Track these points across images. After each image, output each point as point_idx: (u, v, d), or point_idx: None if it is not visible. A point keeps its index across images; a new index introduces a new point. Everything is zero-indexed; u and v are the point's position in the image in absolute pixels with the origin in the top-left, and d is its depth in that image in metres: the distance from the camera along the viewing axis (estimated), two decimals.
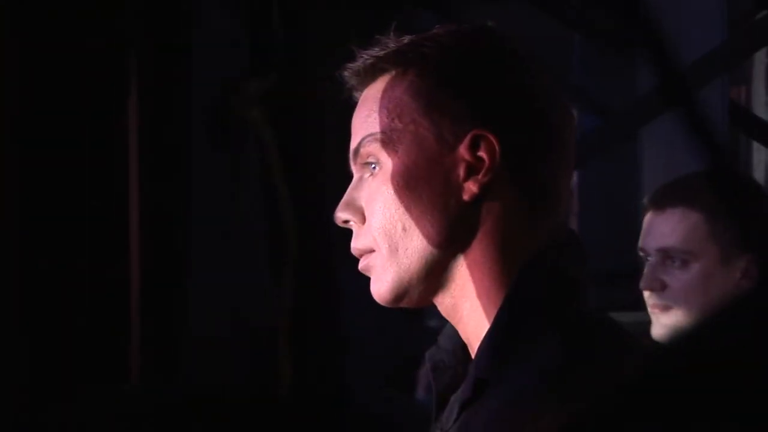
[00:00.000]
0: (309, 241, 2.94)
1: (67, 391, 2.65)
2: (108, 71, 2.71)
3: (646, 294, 2.19)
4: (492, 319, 1.26)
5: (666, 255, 2.16)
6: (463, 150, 1.28)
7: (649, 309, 2.19)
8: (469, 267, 1.28)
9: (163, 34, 2.79)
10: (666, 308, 2.16)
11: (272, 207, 2.93)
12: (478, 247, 1.28)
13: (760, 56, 5.48)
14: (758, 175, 5.74)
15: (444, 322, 1.36)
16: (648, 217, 2.21)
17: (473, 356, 1.29)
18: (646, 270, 2.19)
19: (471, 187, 1.28)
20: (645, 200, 2.24)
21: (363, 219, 1.32)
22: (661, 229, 2.17)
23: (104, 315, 2.71)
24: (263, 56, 2.95)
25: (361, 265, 1.33)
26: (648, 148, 4.13)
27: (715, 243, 2.12)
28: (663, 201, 2.17)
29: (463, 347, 1.33)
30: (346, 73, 1.35)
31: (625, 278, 4.32)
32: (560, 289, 1.26)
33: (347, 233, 1.36)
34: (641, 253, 2.22)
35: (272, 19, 2.97)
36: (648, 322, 2.22)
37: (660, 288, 2.16)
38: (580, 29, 4.87)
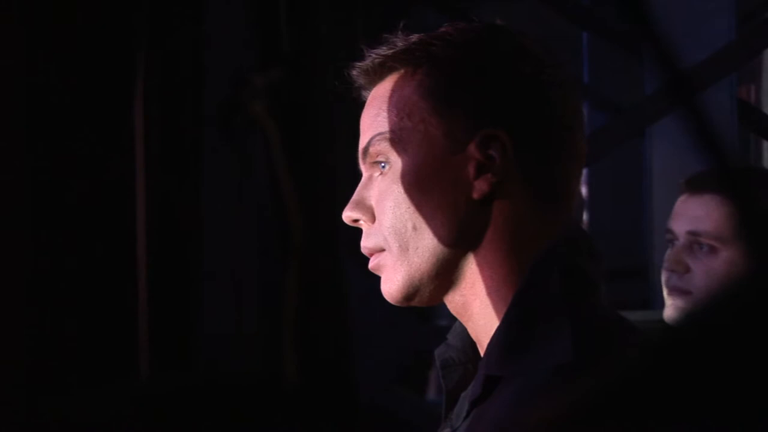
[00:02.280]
0: (315, 235, 2.94)
1: (74, 387, 2.65)
2: (116, 69, 2.71)
3: (666, 276, 2.18)
4: (501, 317, 1.26)
5: (695, 239, 2.15)
6: (473, 148, 1.28)
7: (667, 292, 2.17)
8: (480, 265, 1.28)
9: (171, 30, 2.79)
10: (685, 293, 2.14)
11: (278, 201, 2.94)
12: (488, 246, 1.28)
13: None
14: None
15: (454, 320, 1.36)
16: (682, 200, 2.20)
17: (482, 354, 1.29)
18: (671, 251, 2.18)
19: (481, 186, 1.27)
20: (682, 183, 2.22)
21: (373, 218, 1.31)
22: (695, 213, 2.16)
23: (113, 310, 2.72)
24: (270, 50, 2.95)
25: (371, 265, 1.32)
26: (656, 145, 4.13)
27: None
28: (702, 185, 2.16)
29: (473, 345, 1.33)
30: (354, 72, 1.35)
31: (632, 277, 4.32)
32: (571, 286, 1.26)
33: (355, 229, 1.35)
34: (667, 236, 2.21)
35: (279, 13, 2.97)
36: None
37: (683, 270, 2.15)
38: (588, 26, 4.87)
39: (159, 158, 2.77)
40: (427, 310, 1.36)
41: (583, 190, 5.13)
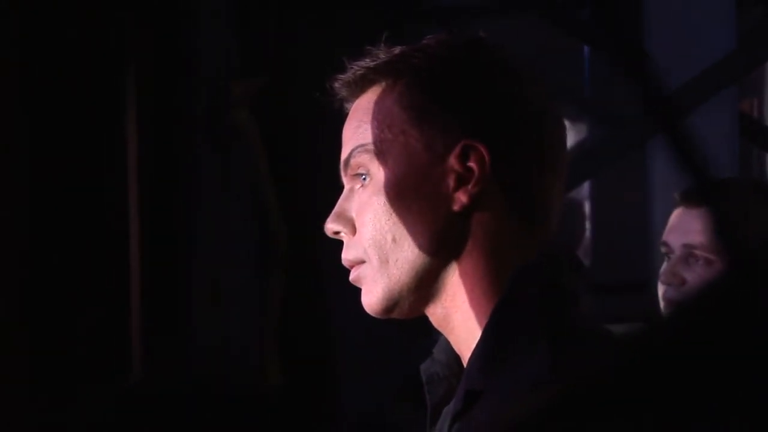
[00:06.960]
0: (298, 242, 2.95)
1: (68, 389, 2.67)
2: (106, 81, 2.73)
3: (662, 289, 2.18)
4: (482, 330, 1.25)
5: (690, 252, 2.15)
6: (452, 160, 1.27)
7: (663, 305, 2.18)
8: (460, 277, 1.27)
9: (159, 39, 2.81)
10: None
11: (261, 209, 2.96)
12: (468, 258, 1.27)
13: None
14: None
15: (439, 334, 1.35)
16: (677, 213, 2.20)
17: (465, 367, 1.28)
18: (667, 264, 2.18)
19: (461, 198, 1.27)
20: (677, 196, 2.22)
21: (353, 230, 1.31)
22: (690, 226, 2.16)
23: (106, 316, 2.73)
24: (254, 58, 2.97)
25: (351, 277, 1.32)
26: (657, 158, 4.12)
27: None
28: (697, 198, 2.15)
29: (458, 359, 1.33)
30: (336, 84, 1.35)
31: (635, 289, 4.31)
32: (551, 299, 1.25)
33: (340, 242, 1.35)
34: (663, 248, 2.21)
35: (266, 22, 2.98)
36: None
37: (679, 283, 2.15)
38: (588, 40, 4.87)
39: (150, 170, 2.79)
40: (419, 326, 1.35)
41: (586, 203, 5.12)
